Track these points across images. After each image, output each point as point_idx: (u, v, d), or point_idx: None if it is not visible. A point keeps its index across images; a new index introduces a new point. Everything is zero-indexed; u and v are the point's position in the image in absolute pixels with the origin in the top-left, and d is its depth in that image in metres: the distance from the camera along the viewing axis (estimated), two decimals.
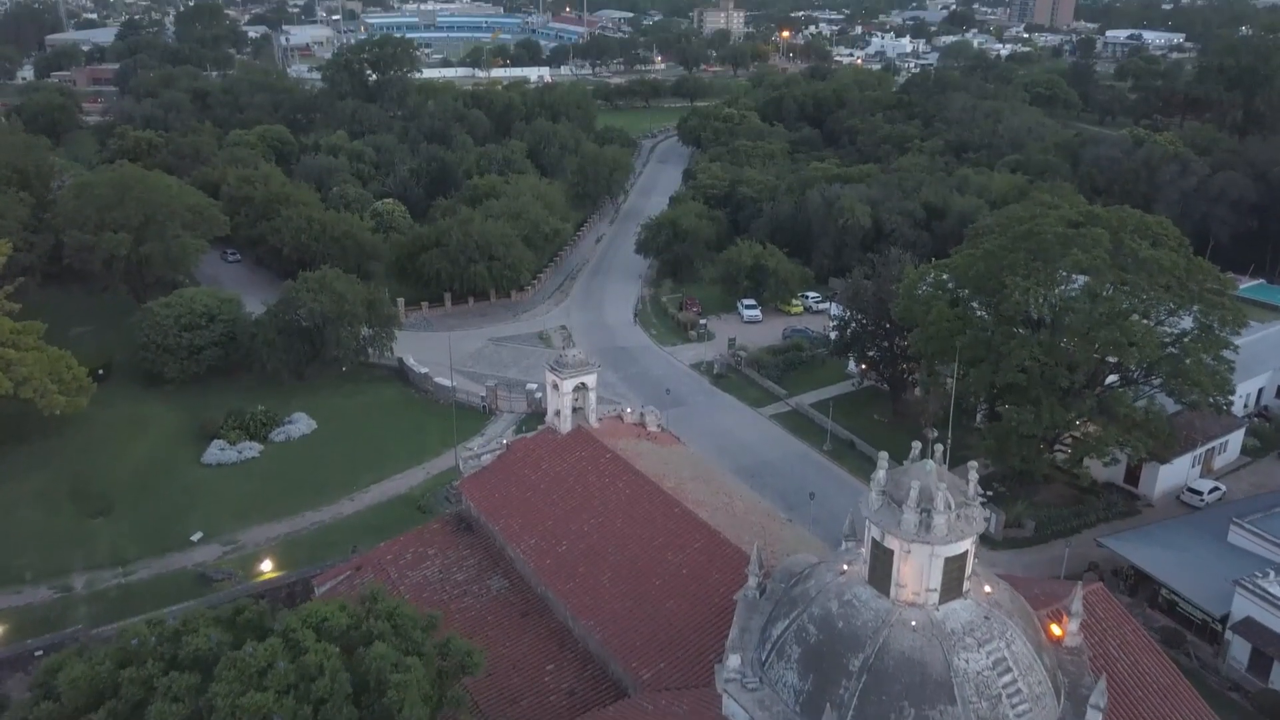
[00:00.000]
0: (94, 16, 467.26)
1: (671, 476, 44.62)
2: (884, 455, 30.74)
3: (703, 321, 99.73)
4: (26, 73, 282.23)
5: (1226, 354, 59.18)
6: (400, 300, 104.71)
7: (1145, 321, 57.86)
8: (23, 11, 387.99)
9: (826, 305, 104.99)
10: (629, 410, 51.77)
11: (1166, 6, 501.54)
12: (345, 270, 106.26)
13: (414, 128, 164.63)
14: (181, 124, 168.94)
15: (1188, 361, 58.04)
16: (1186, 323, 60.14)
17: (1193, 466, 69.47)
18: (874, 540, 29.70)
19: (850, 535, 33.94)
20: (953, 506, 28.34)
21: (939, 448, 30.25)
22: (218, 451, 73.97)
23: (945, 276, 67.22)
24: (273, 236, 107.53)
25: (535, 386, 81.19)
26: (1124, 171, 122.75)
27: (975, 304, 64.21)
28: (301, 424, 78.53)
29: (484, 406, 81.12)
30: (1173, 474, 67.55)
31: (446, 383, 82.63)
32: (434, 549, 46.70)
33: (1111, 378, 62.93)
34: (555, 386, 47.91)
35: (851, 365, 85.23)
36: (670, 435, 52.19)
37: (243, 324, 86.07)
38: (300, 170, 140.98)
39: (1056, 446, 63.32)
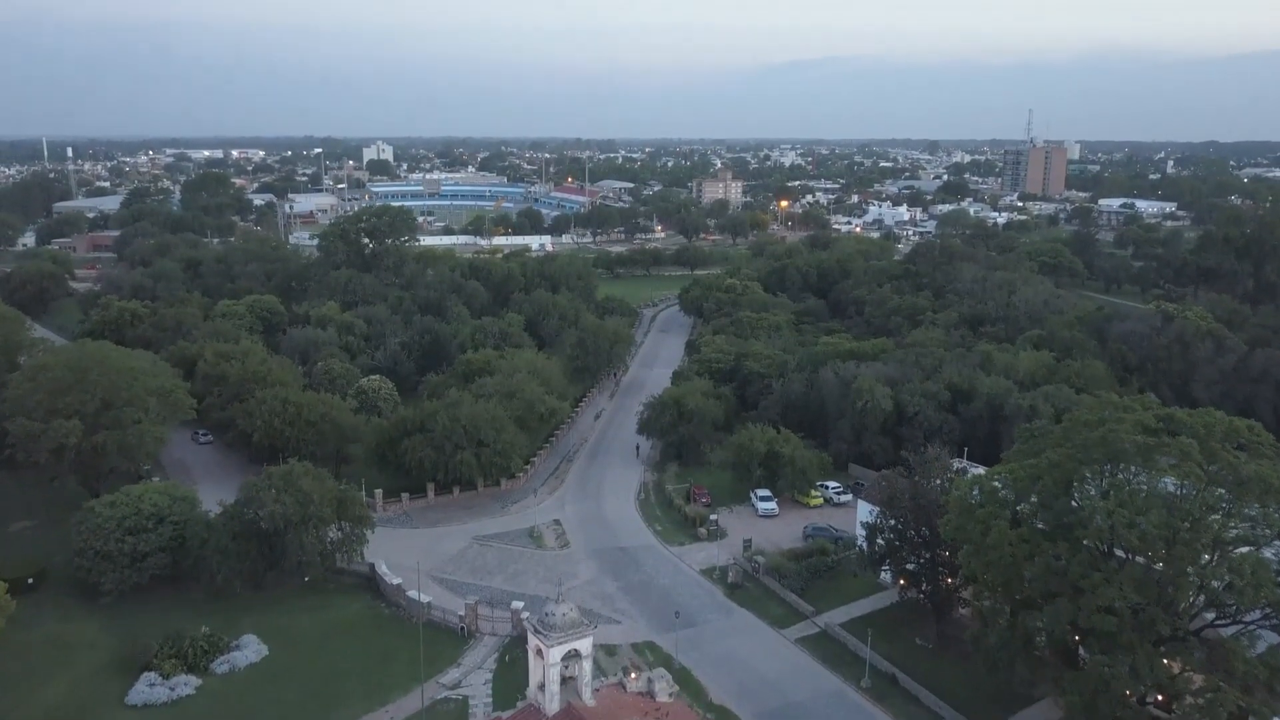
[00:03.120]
0: (106, 184, 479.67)
1: None
2: None
3: (713, 517, 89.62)
4: (29, 239, 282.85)
5: None
6: (378, 491, 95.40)
7: (1253, 551, 48.16)
8: (34, 180, 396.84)
9: (848, 496, 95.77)
10: (633, 675, 41.32)
11: (1154, 177, 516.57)
12: (323, 455, 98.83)
13: (408, 298, 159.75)
14: (170, 293, 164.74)
15: None
16: None
17: None
18: None
19: None
20: None
21: None
22: (146, 689, 62.56)
23: (998, 484, 57.94)
24: (244, 420, 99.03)
25: (522, 604, 70.50)
26: (1156, 349, 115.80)
27: (1039, 521, 54.61)
28: (250, 650, 67.39)
29: (462, 628, 70.03)
30: None
31: (421, 596, 72.05)
32: None
33: (1196, 600, 52.68)
34: (539, 653, 37.76)
35: (885, 576, 74.78)
36: (685, 706, 41.46)
37: (195, 526, 76.09)
38: (286, 343, 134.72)
39: (1148, 697, 52.31)
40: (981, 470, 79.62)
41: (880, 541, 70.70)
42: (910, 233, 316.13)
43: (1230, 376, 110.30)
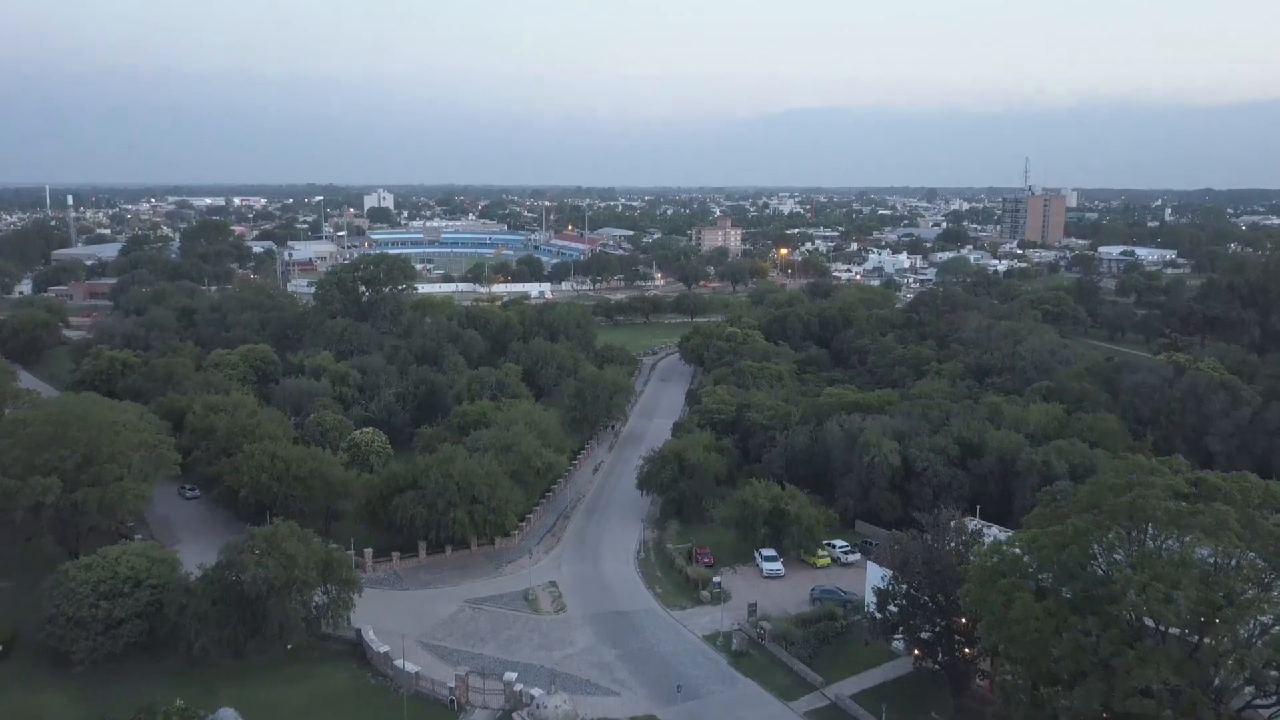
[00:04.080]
0: (107, 232, 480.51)
1: None
2: None
3: (716, 579, 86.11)
4: (26, 287, 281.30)
5: None
6: (368, 550, 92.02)
7: None
8: (34, 227, 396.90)
9: (856, 556, 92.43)
10: None
11: (1153, 224, 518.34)
12: (312, 512, 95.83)
13: (405, 347, 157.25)
14: (163, 343, 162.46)
15: None
16: None
17: None
18: None
19: None
20: None
21: None
22: None
23: (1019, 551, 54.75)
24: (230, 476, 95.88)
25: (515, 676, 66.81)
26: (1169, 401, 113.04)
27: (1066, 590, 51.34)
28: None
29: (451, 701, 66.22)
30: None
31: (409, 666, 68.44)
32: None
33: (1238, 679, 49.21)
34: None
35: (898, 644, 71.12)
36: None
37: (173, 591, 72.67)
38: (279, 394, 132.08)
39: None
40: (997, 530, 76.71)
41: (892, 608, 67.22)
42: (911, 280, 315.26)
43: (1246, 430, 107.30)
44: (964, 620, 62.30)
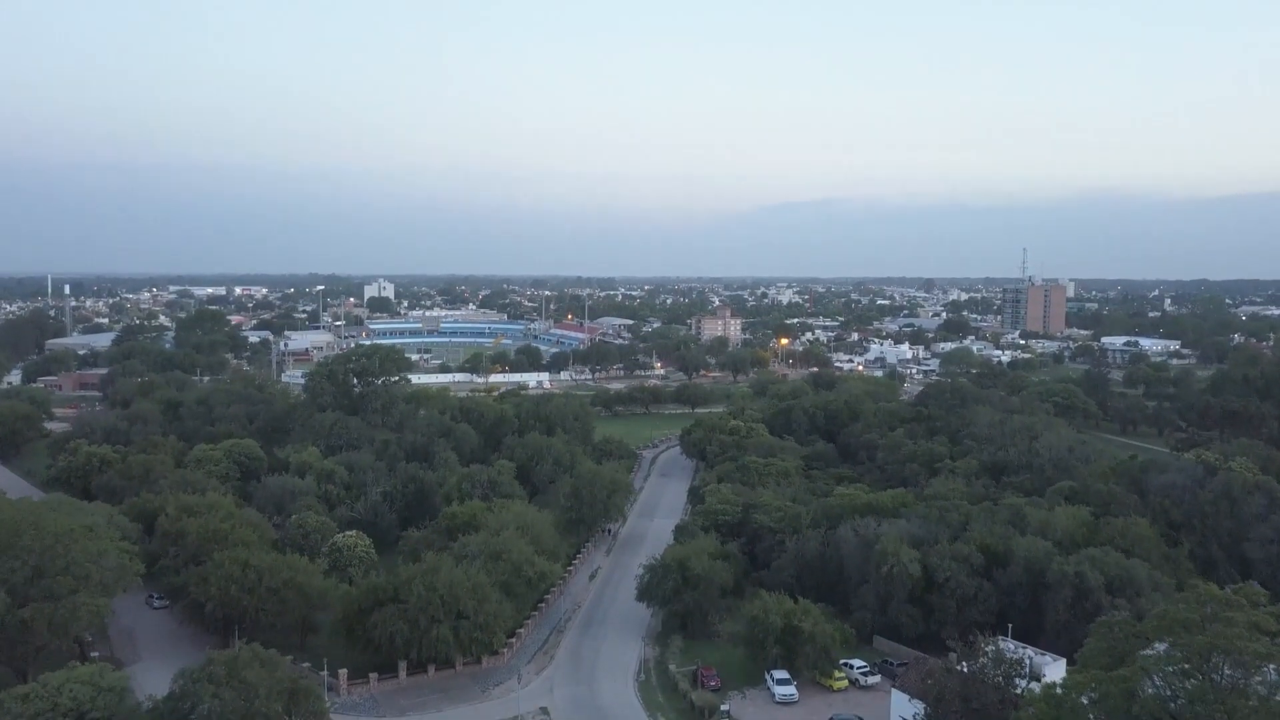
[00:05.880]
0: (105, 321, 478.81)
1: None
2: None
3: (724, 706, 78.31)
4: (14, 377, 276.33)
5: None
6: (343, 671, 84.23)
7: None
8: (29, 316, 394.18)
9: (876, 677, 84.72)
10: None
11: (1154, 314, 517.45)
12: (285, 626, 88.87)
13: (395, 443, 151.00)
14: (145, 437, 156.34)
15: None
16: None
17: None
18: None
19: None
20: None
21: None
22: None
23: (1076, 694, 47.83)
24: (197, 588, 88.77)
25: None
26: (1201, 504, 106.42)
27: None
28: None
29: None
30: None
31: None
32: None
33: None
34: None
35: None
36: None
37: None
38: (261, 493, 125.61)
39: None
40: (1033, 652, 69.78)
41: None
42: (914, 371, 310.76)
43: None
44: None
